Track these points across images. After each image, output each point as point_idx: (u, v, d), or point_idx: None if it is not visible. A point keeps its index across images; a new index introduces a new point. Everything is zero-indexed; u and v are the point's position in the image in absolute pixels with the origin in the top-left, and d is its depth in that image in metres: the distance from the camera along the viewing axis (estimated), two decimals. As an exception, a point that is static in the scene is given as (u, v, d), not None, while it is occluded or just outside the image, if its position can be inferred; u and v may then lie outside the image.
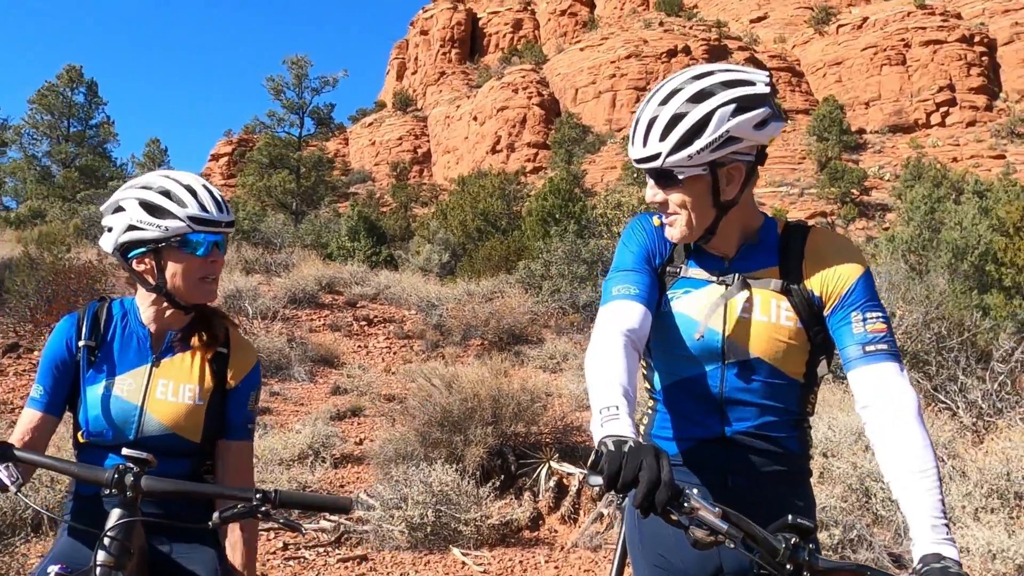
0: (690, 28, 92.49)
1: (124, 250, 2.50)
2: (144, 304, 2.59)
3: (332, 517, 6.83)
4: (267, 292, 16.99)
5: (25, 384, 10.88)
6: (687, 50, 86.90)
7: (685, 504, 1.73)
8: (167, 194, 2.44)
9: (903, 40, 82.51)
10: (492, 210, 30.60)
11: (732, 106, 2.14)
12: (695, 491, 1.75)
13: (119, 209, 2.48)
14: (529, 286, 18.25)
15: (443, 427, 7.73)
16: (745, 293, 2.32)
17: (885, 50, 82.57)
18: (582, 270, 17.95)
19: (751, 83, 2.20)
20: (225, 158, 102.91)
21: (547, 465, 7.58)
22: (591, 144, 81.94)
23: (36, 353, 12.10)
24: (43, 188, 50.24)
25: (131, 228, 2.45)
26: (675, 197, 2.24)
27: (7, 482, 2.12)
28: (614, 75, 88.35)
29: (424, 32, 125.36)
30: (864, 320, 2.21)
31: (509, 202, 33.46)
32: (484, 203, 31.28)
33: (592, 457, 1.78)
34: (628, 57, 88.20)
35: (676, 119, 2.15)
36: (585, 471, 7.50)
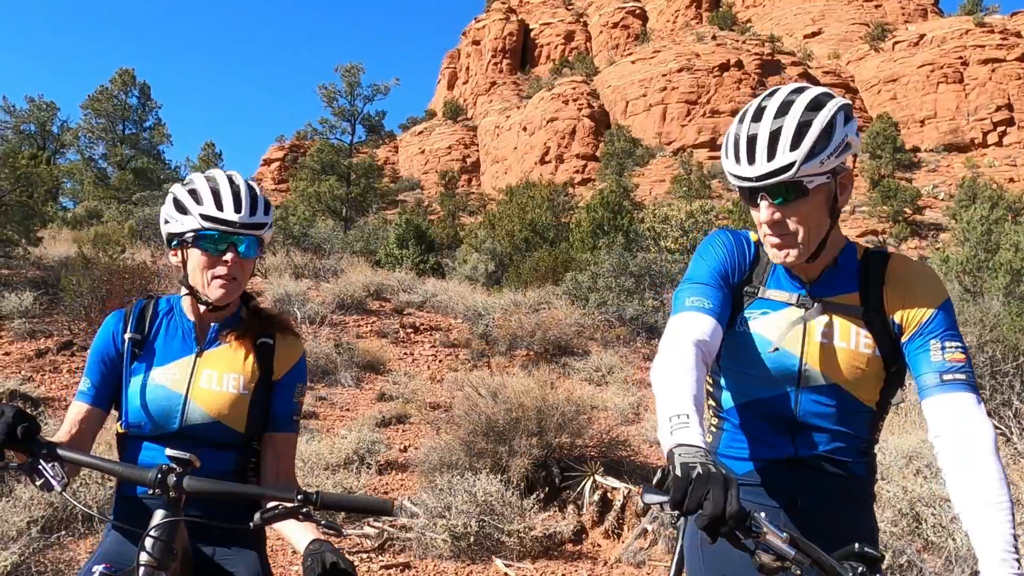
0: (743, 42, 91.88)
1: (168, 240, 2.59)
2: (186, 297, 2.63)
3: (376, 524, 6.85)
4: (316, 297, 17.14)
5: (78, 381, 11.06)
6: (739, 64, 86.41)
7: (753, 529, 1.71)
8: (192, 192, 2.51)
9: (960, 58, 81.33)
10: (540, 221, 30.59)
11: (842, 113, 2.17)
12: (763, 515, 1.74)
13: (166, 202, 2.58)
14: (576, 298, 18.20)
15: (488, 437, 7.72)
16: (825, 318, 2.31)
17: (942, 67, 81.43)
18: (629, 283, 17.86)
19: (835, 96, 2.24)
20: (277, 163, 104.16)
21: (591, 479, 7.54)
22: (640, 157, 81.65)
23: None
24: (99, 190, 51.13)
25: (166, 221, 2.56)
26: (795, 213, 2.20)
27: (53, 481, 2.12)
28: (665, 88, 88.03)
29: (476, 42, 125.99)
30: (943, 349, 2.19)
31: (557, 213, 33.46)
32: (532, 214, 31.29)
33: (658, 475, 1.76)
34: (680, 70, 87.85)
35: (803, 127, 2.14)
36: (630, 486, 7.46)
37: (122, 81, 58.79)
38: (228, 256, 2.49)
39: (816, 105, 2.17)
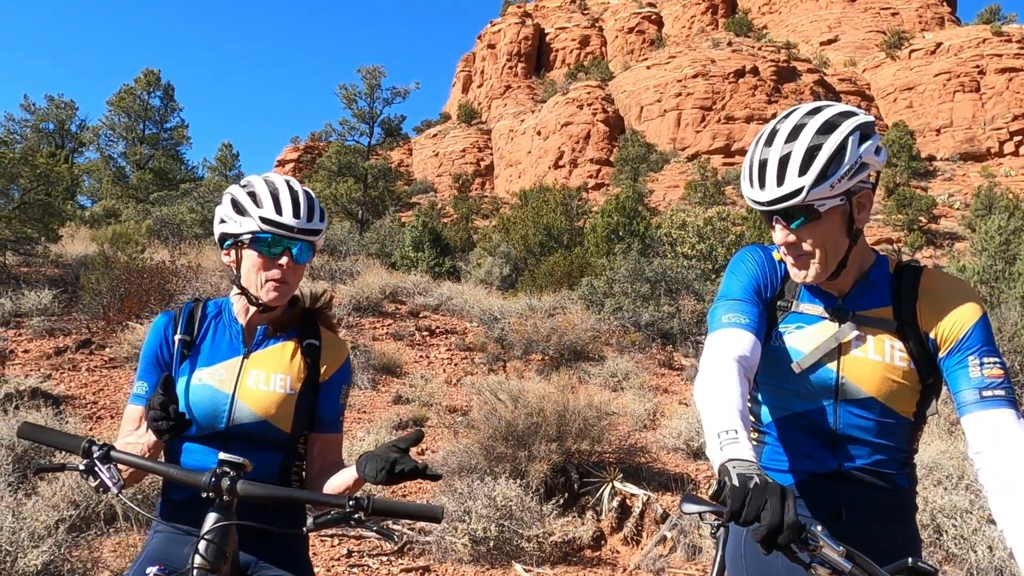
0: (759, 49, 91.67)
1: (221, 240, 2.62)
2: (236, 297, 2.67)
3: (395, 527, 6.87)
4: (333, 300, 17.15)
5: (97, 380, 11.13)
6: (755, 71, 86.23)
7: (809, 541, 1.71)
8: (252, 194, 2.54)
9: (977, 67, 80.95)
10: (554, 225, 30.60)
11: (857, 133, 2.18)
12: (819, 528, 1.74)
13: (223, 202, 2.61)
14: (591, 303, 18.20)
15: (507, 441, 7.74)
16: (859, 332, 2.32)
17: (959, 76, 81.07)
18: (645, 289, 17.85)
19: (858, 113, 2.25)
20: (291, 164, 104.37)
21: (610, 485, 7.54)
22: (655, 162, 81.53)
23: (108, 350, 12.38)
24: (118, 188, 51.38)
25: (222, 221, 2.59)
26: (810, 235, 2.24)
27: (109, 483, 2.15)
28: (680, 94, 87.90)
29: (491, 46, 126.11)
30: (981, 365, 2.20)
31: (571, 218, 33.46)
32: (547, 218, 31.29)
33: (714, 487, 1.77)
34: (695, 76, 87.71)
35: (813, 151, 2.16)
36: (649, 492, 7.46)
37: (146, 81, 59.06)
38: (283, 260, 2.53)
39: (828, 128, 2.19)
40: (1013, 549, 1.95)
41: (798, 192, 2.15)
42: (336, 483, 2.51)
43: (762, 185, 2.21)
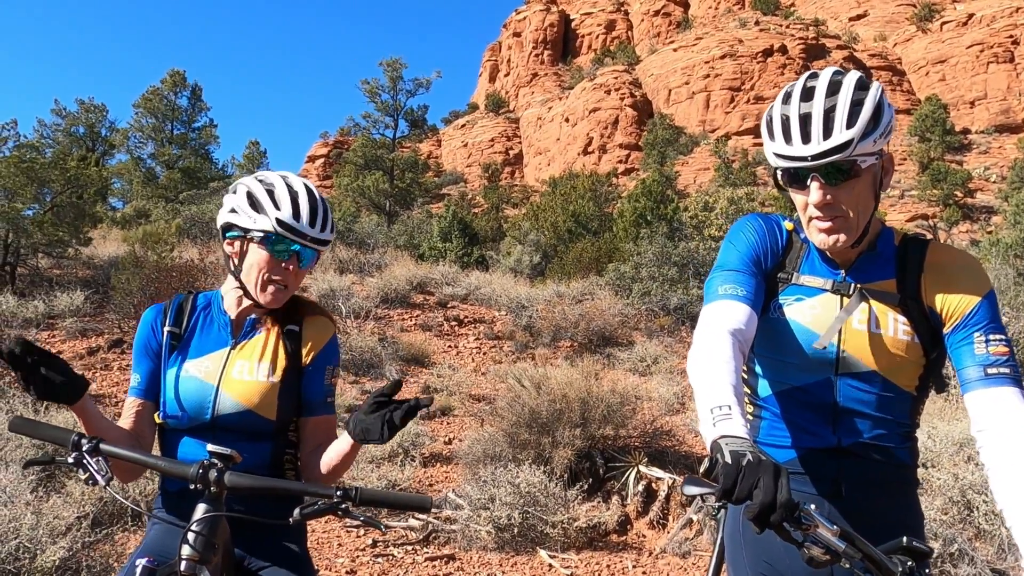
0: (787, 27, 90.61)
1: (224, 228, 2.60)
2: (228, 289, 2.66)
3: (420, 516, 6.89)
4: (360, 292, 17.25)
5: (129, 379, 11.26)
6: (783, 49, 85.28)
7: (803, 520, 1.69)
8: (270, 192, 2.53)
9: (1011, 37, 79.39)
10: (583, 211, 30.49)
11: (883, 95, 2.16)
12: (812, 507, 1.72)
13: (234, 191, 2.60)
14: (619, 288, 18.15)
15: (531, 428, 7.73)
16: (863, 305, 2.28)
17: (992, 47, 79.55)
18: (673, 273, 17.77)
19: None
20: (321, 159, 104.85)
21: (636, 469, 7.51)
22: (684, 145, 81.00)
23: (139, 349, 12.52)
24: (148, 189, 51.92)
25: (232, 211, 2.57)
26: (847, 194, 2.17)
27: (97, 476, 2.16)
28: (708, 75, 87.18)
29: (517, 34, 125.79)
30: (987, 342, 2.16)
31: (600, 204, 33.31)
32: (575, 204, 31.18)
33: (705, 464, 1.74)
34: (723, 57, 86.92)
35: (857, 105, 2.12)
36: (675, 476, 7.42)
37: (172, 82, 59.53)
38: (291, 265, 2.53)
39: (863, 85, 2.16)
40: (1012, 529, 1.91)
41: (847, 145, 2.09)
42: (331, 455, 2.50)
43: (805, 139, 2.13)
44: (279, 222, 2.48)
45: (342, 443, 2.46)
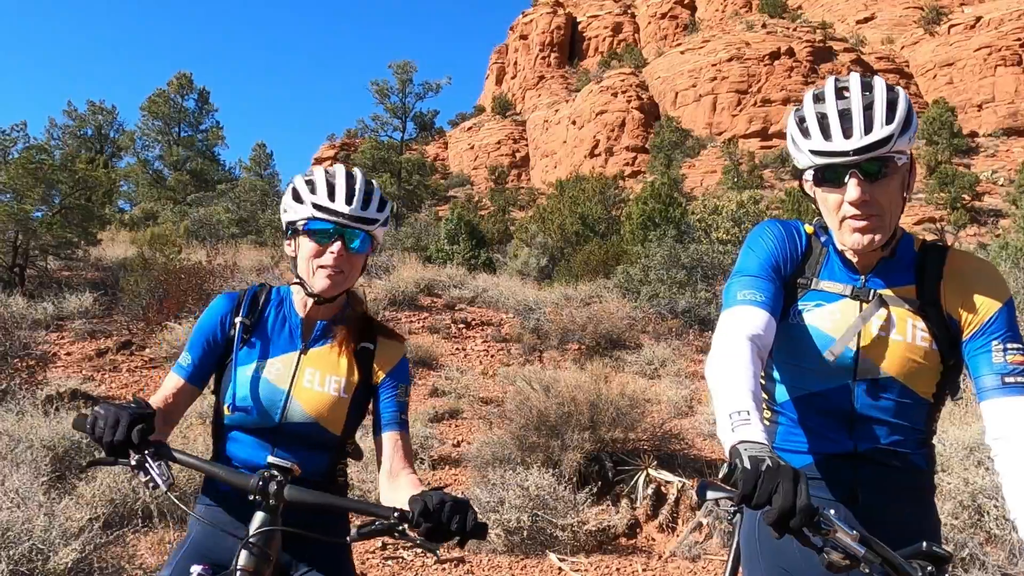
0: (794, 30, 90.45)
1: (285, 230, 2.64)
2: (296, 288, 2.67)
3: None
4: (368, 294, 17.21)
5: (137, 380, 11.29)
6: (791, 52, 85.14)
7: (822, 526, 1.68)
8: (309, 182, 2.55)
9: (1019, 40, 79.15)
10: (591, 214, 30.48)
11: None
12: (832, 512, 1.71)
13: (286, 193, 2.63)
14: (627, 291, 18.12)
15: (540, 431, 7.73)
16: (883, 311, 2.27)
17: (1000, 50, 79.34)
18: (681, 275, 17.73)
19: None
20: (328, 161, 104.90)
21: (645, 472, 7.51)
22: (691, 148, 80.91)
23: (148, 350, 12.55)
24: (155, 191, 52.09)
25: (284, 210, 2.62)
26: (883, 192, 2.17)
27: (159, 480, 2.13)
28: (715, 78, 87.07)
29: (524, 37, 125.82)
30: (1005, 350, 2.17)
31: (608, 206, 33.29)
32: (583, 207, 31.18)
33: (724, 470, 1.74)
34: (729, 60, 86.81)
35: (893, 102, 2.14)
36: (685, 479, 7.41)
37: (179, 84, 59.71)
38: (336, 247, 2.50)
39: (891, 87, 2.18)
40: None
41: (887, 140, 2.10)
42: (390, 497, 2.47)
43: (846, 134, 2.12)
44: (315, 206, 2.49)
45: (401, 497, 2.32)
